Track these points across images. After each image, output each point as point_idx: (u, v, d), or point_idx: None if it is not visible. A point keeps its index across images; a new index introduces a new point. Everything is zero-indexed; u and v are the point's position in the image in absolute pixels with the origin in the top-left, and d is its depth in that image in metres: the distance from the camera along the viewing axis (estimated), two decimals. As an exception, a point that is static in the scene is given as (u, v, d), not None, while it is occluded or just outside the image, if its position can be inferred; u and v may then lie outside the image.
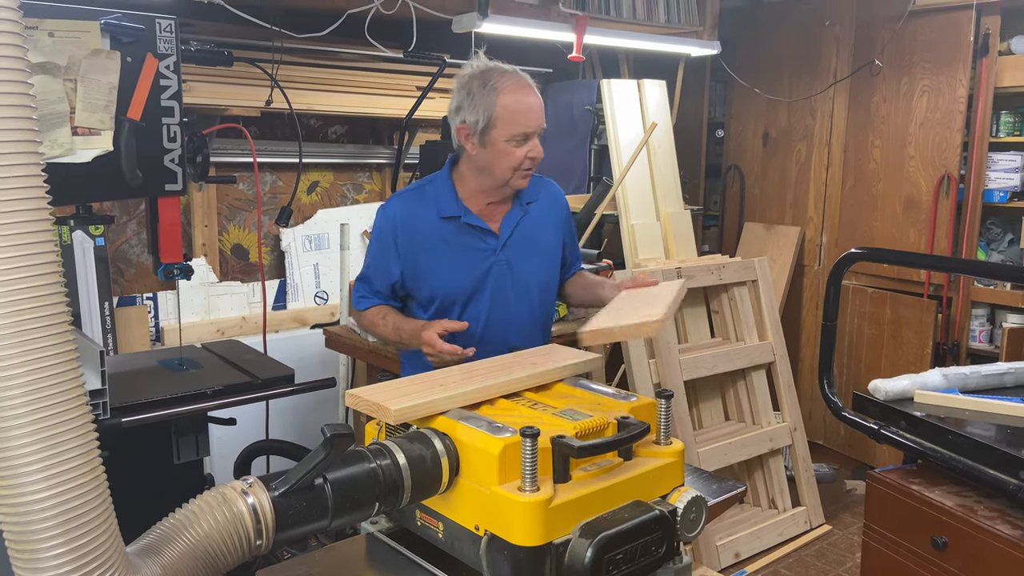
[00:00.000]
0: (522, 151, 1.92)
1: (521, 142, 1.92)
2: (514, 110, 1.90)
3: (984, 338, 4.02)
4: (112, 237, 3.41)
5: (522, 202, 2.07)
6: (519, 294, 2.06)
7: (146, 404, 1.95)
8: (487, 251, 2.02)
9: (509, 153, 1.92)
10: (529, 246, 2.07)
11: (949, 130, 3.98)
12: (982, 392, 2.18)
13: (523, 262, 2.05)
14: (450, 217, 2.00)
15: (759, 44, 4.81)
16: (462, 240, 2.01)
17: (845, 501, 4.06)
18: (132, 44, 1.87)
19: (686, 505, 1.25)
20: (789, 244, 4.69)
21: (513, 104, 1.91)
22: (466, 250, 2.01)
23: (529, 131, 1.92)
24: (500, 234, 2.03)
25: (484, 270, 2.02)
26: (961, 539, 1.81)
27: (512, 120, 1.90)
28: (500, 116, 1.90)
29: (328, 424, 1.07)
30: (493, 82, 1.93)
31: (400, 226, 2.02)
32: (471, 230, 2.01)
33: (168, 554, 0.96)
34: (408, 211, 2.03)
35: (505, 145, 1.92)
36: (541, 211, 2.10)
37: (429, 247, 2.00)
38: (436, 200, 2.02)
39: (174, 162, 1.94)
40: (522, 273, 2.05)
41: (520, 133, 1.91)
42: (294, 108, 3.07)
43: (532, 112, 1.93)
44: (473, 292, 2.01)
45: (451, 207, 2.00)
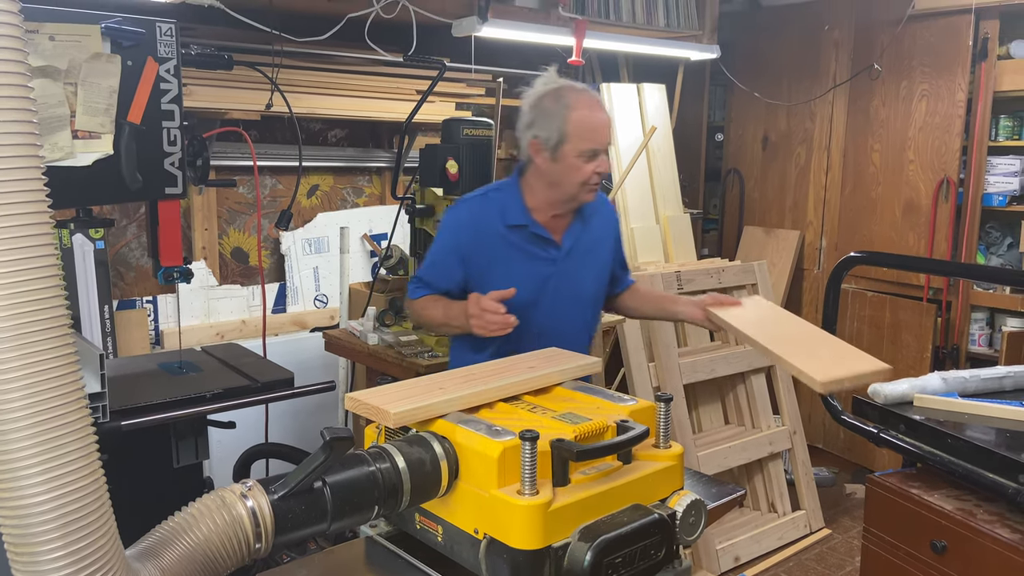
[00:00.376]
0: (591, 166, 1.98)
1: (590, 158, 1.98)
2: (585, 127, 1.96)
3: (984, 342, 4.03)
4: (112, 240, 3.41)
5: (583, 216, 2.13)
6: (573, 305, 2.12)
7: (145, 407, 1.94)
8: (548, 261, 2.08)
9: (579, 168, 1.98)
10: (586, 259, 2.13)
11: (948, 134, 3.99)
12: (981, 396, 2.18)
13: (580, 274, 2.12)
14: (516, 225, 2.06)
15: (758, 48, 4.82)
16: (526, 248, 2.06)
17: (845, 505, 4.06)
18: (132, 48, 1.87)
19: (685, 509, 1.25)
20: (788, 248, 4.70)
21: (584, 121, 1.96)
22: (529, 258, 2.06)
23: (598, 147, 1.98)
24: (562, 245, 2.09)
25: (544, 279, 2.08)
26: (960, 543, 1.81)
27: (583, 136, 1.96)
28: (572, 132, 1.96)
29: (327, 427, 1.07)
30: (566, 99, 1.98)
31: (467, 230, 2.07)
32: (535, 239, 2.06)
33: (167, 557, 0.96)
34: (475, 216, 2.08)
35: (575, 160, 1.97)
36: (598, 226, 2.17)
37: (493, 252, 2.05)
38: (503, 207, 2.07)
39: (174, 165, 1.94)
40: (578, 285, 2.12)
41: (590, 149, 1.97)
42: (294, 112, 3.08)
43: (602, 129, 1.99)
44: (531, 300, 2.04)
45: (518, 216, 2.06)
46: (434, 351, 2.86)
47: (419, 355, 2.82)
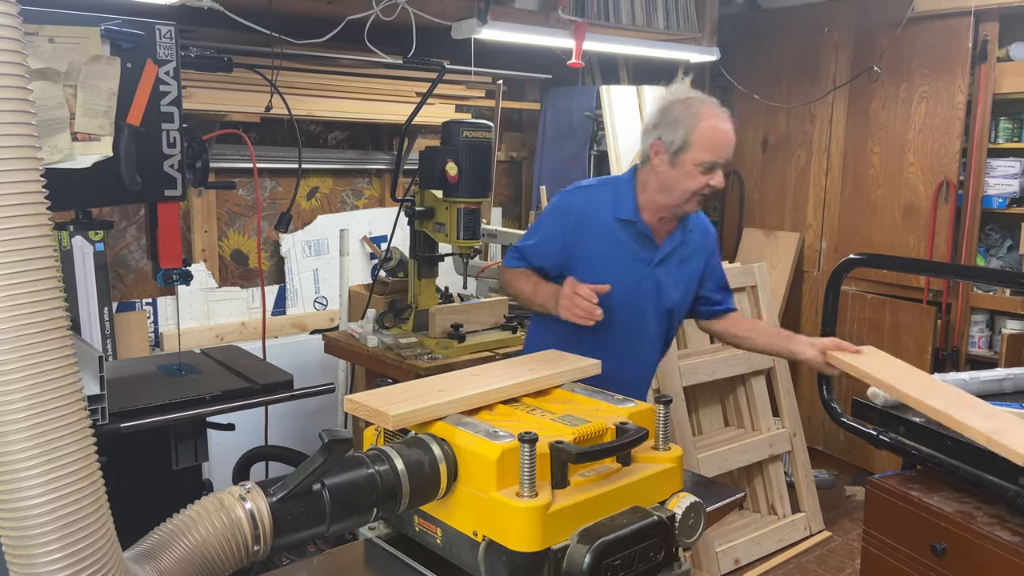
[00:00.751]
0: (705, 178, 2.00)
1: (707, 170, 1.99)
2: (709, 138, 1.97)
3: (983, 344, 4.02)
4: (112, 242, 3.41)
5: (684, 227, 2.15)
6: (656, 314, 2.15)
7: (145, 409, 1.94)
8: (645, 262, 2.10)
9: (693, 177, 1.99)
10: (677, 271, 2.15)
11: (948, 136, 3.99)
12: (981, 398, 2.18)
13: (669, 285, 2.13)
14: (626, 220, 2.09)
15: (758, 50, 4.83)
16: (629, 244, 2.09)
17: (845, 507, 4.05)
18: (132, 50, 1.87)
19: (684, 511, 1.25)
20: (788, 250, 4.70)
21: (710, 132, 1.97)
22: (629, 255, 2.09)
23: (718, 160, 1.99)
24: (659, 249, 2.11)
25: (637, 279, 2.10)
26: (960, 545, 1.80)
27: (705, 147, 1.97)
28: (695, 141, 1.97)
29: (326, 429, 1.07)
30: (696, 109, 2.00)
31: (575, 215, 2.10)
32: (640, 238, 2.09)
33: (165, 559, 0.96)
34: (586, 203, 2.12)
35: (692, 169, 1.99)
36: (695, 241, 2.18)
37: (596, 243, 2.08)
38: (615, 200, 2.10)
39: (174, 168, 1.95)
40: (665, 295, 2.13)
41: (709, 160, 1.98)
42: (294, 114, 3.08)
43: (725, 144, 2.00)
44: (619, 296, 2.05)
45: (629, 211, 2.09)
46: (434, 353, 2.86)
47: (419, 357, 2.82)
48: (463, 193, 2.78)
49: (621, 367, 2.06)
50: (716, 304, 2.27)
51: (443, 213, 2.84)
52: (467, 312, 3.01)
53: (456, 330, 2.91)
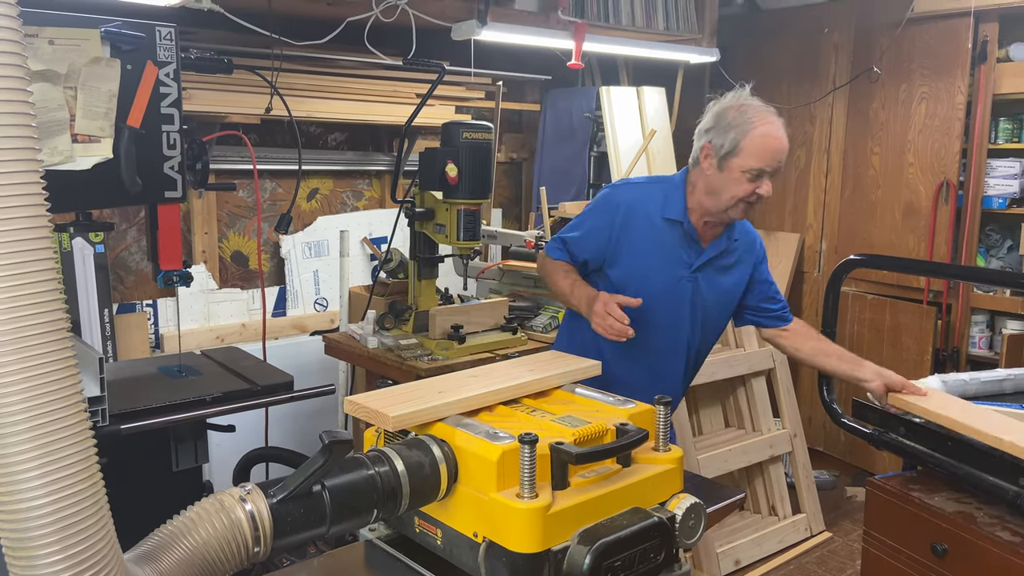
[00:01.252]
0: (752, 185, 1.98)
1: (755, 177, 1.98)
2: (759, 145, 1.96)
3: (984, 344, 4.02)
4: (112, 244, 3.41)
5: (731, 235, 2.13)
6: (691, 318, 2.13)
7: (145, 411, 1.94)
8: (686, 264, 2.09)
9: (739, 183, 1.98)
10: (719, 278, 2.13)
11: (948, 137, 3.99)
12: (981, 398, 2.18)
13: (708, 291, 2.12)
14: (673, 220, 2.08)
15: (758, 51, 4.83)
16: (673, 245, 2.09)
17: (845, 508, 4.05)
18: (132, 52, 1.87)
19: (685, 512, 1.25)
20: (789, 251, 4.70)
21: (760, 139, 1.96)
22: (672, 254, 2.09)
23: (766, 168, 1.97)
24: (704, 253, 2.10)
25: (676, 279, 2.09)
26: (961, 546, 1.80)
27: (754, 153, 1.96)
28: (745, 147, 1.96)
29: (326, 431, 1.07)
30: (750, 115, 1.98)
31: (623, 211, 2.10)
32: (685, 239, 2.09)
33: (165, 561, 0.96)
34: (635, 200, 2.12)
35: (739, 175, 1.98)
36: (740, 249, 2.16)
37: (641, 240, 2.08)
38: (665, 199, 2.10)
39: (174, 169, 1.95)
40: (703, 301, 2.12)
41: (757, 168, 1.97)
42: (294, 115, 3.08)
43: (776, 152, 1.98)
44: (656, 295, 2.05)
45: (677, 211, 2.09)
46: (434, 354, 2.86)
47: (419, 358, 2.82)
48: (463, 194, 2.78)
49: (650, 369, 2.11)
50: (768, 314, 2.24)
51: (443, 214, 2.84)
52: (467, 313, 3.01)
53: (456, 331, 2.91)
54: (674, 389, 2.20)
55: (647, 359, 2.11)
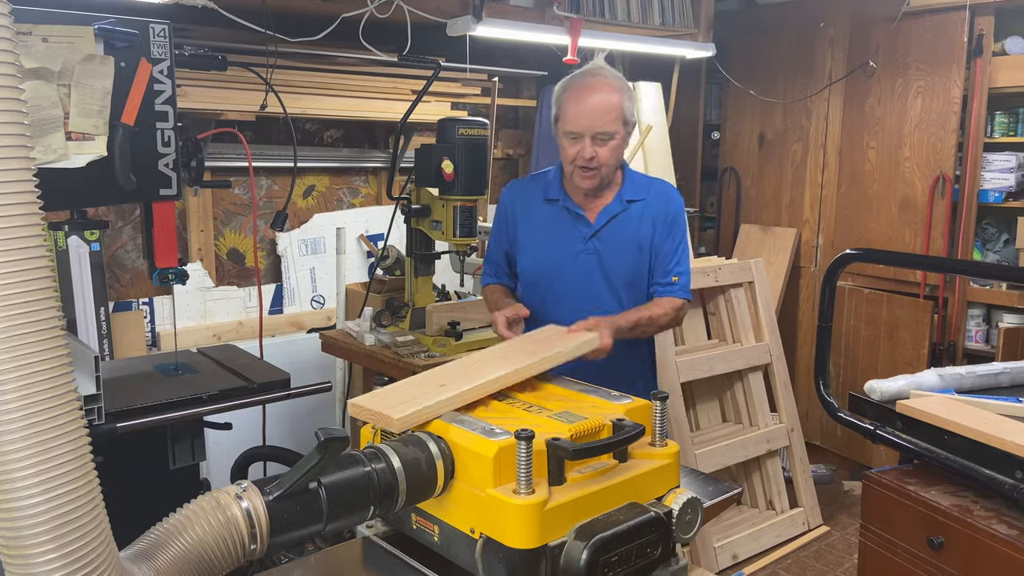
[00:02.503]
0: (574, 149, 2.04)
1: (574, 140, 2.03)
2: (570, 110, 2.03)
3: (980, 338, 4.03)
4: (108, 242, 3.40)
5: (622, 197, 2.16)
6: (607, 285, 2.16)
7: (141, 409, 1.94)
8: (578, 237, 2.16)
9: (564, 149, 2.07)
10: (621, 241, 2.15)
11: (944, 131, 3.99)
12: (978, 392, 2.19)
13: (613, 255, 2.15)
14: (551, 200, 2.19)
15: (754, 46, 4.83)
16: (558, 222, 2.18)
17: (843, 502, 4.06)
18: (126, 49, 1.86)
19: (682, 507, 1.25)
20: (785, 246, 4.70)
21: (570, 105, 2.03)
22: (560, 232, 2.17)
23: (575, 130, 2.02)
24: (594, 223, 2.15)
25: (573, 253, 2.16)
26: (957, 539, 1.81)
27: (568, 118, 2.03)
28: (561, 114, 2.06)
29: (322, 428, 1.07)
30: (568, 83, 2.08)
31: (510, 205, 2.27)
32: (567, 214, 2.17)
33: (162, 559, 0.96)
34: (522, 191, 2.28)
35: (563, 140, 2.07)
36: (644, 210, 2.16)
37: (530, 224, 2.21)
38: (545, 185, 2.23)
39: (168, 167, 1.94)
40: (611, 265, 2.15)
41: (571, 131, 2.03)
42: (289, 112, 3.07)
43: (583, 115, 2.01)
44: (560, 272, 2.15)
45: (554, 191, 2.20)
46: (431, 351, 2.86)
47: (416, 355, 2.82)
48: (459, 191, 2.78)
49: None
50: (654, 277, 2.17)
51: (439, 211, 2.84)
52: (464, 310, 3.01)
53: (453, 328, 2.91)
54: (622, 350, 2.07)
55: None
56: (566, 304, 2.07)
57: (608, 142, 2.03)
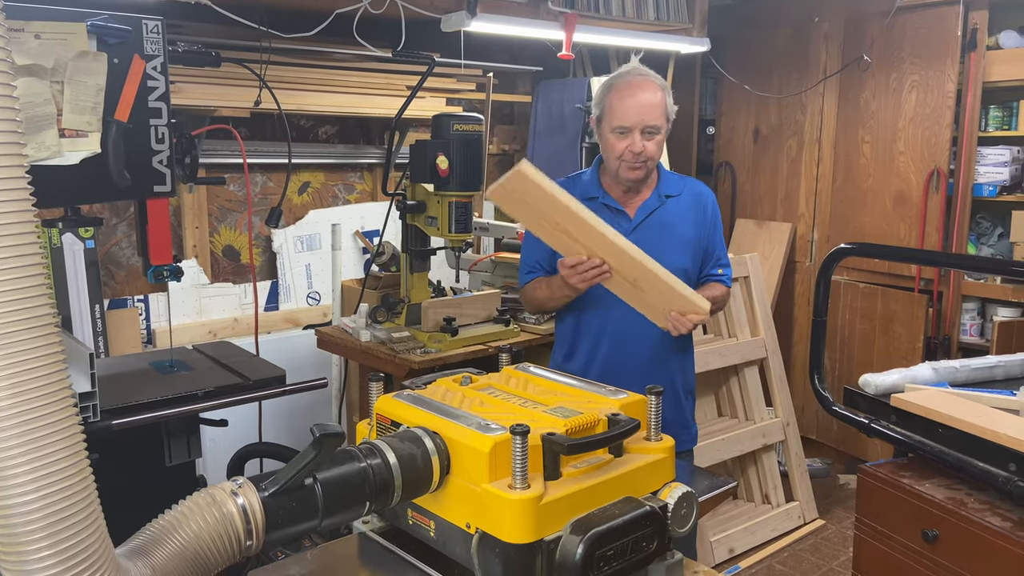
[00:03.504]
0: (623, 144, 2.11)
1: (623, 135, 2.11)
2: (617, 104, 2.11)
3: (975, 332, 4.05)
4: (102, 239, 3.40)
5: (660, 193, 2.24)
6: None
7: (137, 406, 1.94)
8: (620, 231, 2.14)
9: (612, 145, 2.14)
10: (663, 234, 2.21)
11: (938, 125, 4.00)
12: (972, 385, 2.20)
13: (653, 248, 2.15)
14: (591, 198, 2.21)
15: (748, 41, 4.83)
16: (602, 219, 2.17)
17: (838, 495, 4.08)
18: (119, 45, 1.86)
19: (677, 501, 1.25)
20: (780, 240, 4.71)
21: (617, 100, 2.12)
22: None
23: (625, 125, 2.10)
24: (634, 218, 2.21)
25: None
26: (952, 532, 1.81)
27: (615, 113, 2.12)
28: (606, 111, 2.14)
29: (317, 424, 1.07)
30: (612, 82, 2.17)
31: None
32: (607, 210, 2.21)
33: (158, 555, 0.96)
34: None
35: (609, 136, 2.14)
36: (680, 204, 2.26)
37: None
38: (583, 185, 2.26)
39: (162, 164, 1.93)
40: (656, 257, 2.14)
41: (619, 126, 2.10)
42: (283, 108, 3.07)
43: (633, 108, 2.10)
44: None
45: (592, 190, 2.24)
46: (427, 347, 2.86)
47: (411, 351, 2.82)
48: (454, 186, 2.77)
49: (626, 339, 2.18)
50: (705, 268, 2.32)
51: (434, 207, 2.84)
52: (460, 305, 3.01)
53: (449, 323, 2.91)
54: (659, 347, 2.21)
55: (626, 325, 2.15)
56: (608, 299, 2.08)
57: (655, 136, 2.12)
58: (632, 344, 2.19)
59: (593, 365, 2.20)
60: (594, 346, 2.22)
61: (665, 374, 2.23)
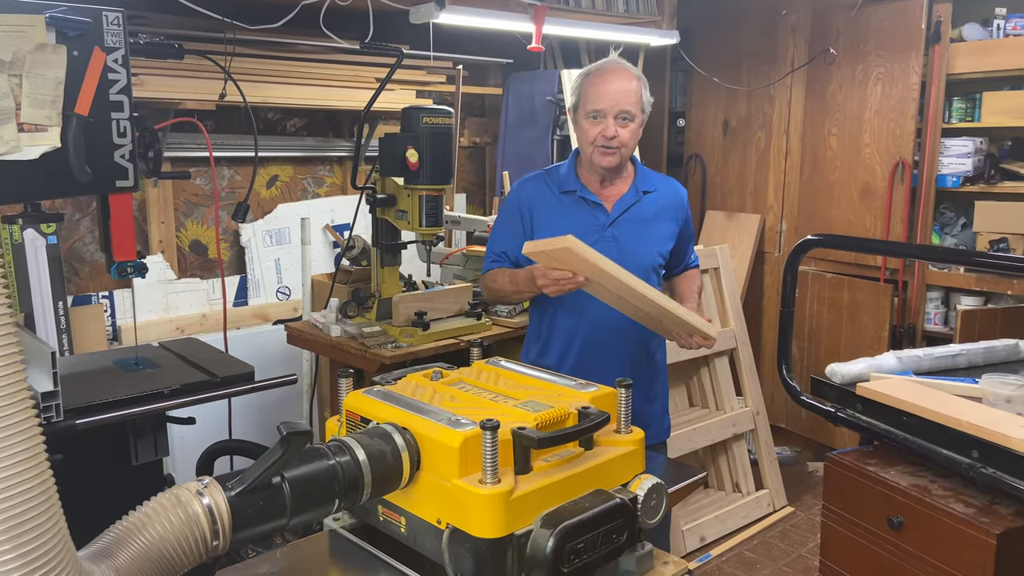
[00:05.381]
0: (597, 128, 2.13)
1: (597, 119, 2.13)
2: (592, 89, 2.14)
3: (939, 320, 4.12)
4: (65, 235, 3.33)
5: (637, 188, 2.26)
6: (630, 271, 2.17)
7: (101, 405, 1.91)
8: (597, 225, 2.22)
9: (586, 130, 2.15)
10: (639, 229, 2.23)
11: (903, 117, 4.05)
12: (935, 374, 2.24)
13: (631, 242, 2.22)
14: (568, 191, 2.24)
15: (717, 33, 4.86)
16: (576, 212, 2.23)
17: (807, 483, 4.14)
18: (78, 38, 1.81)
19: (647, 492, 1.26)
20: (750, 231, 4.75)
21: (592, 84, 2.14)
22: (578, 221, 2.21)
23: (599, 108, 2.12)
24: (611, 212, 2.22)
25: (591, 242, 2.16)
26: (916, 518, 1.85)
27: (590, 97, 2.14)
28: (582, 95, 2.16)
29: (284, 422, 1.06)
30: (588, 69, 2.20)
31: (527, 195, 2.28)
32: (585, 203, 2.23)
33: (121, 557, 0.95)
34: (536, 185, 2.30)
35: (584, 122, 2.16)
36: (657, 201, 2.28)
37: (548, 216, 2.24)
38: (560, 177, 2.28)
39: (125, 158, 1.90)
40: (628, 252, 2.20)
41: (594, 109, 2.12)
42: (250, 101, 3.03)
43: (609, 93, 2.12)
44: None
45: (570, 183, 2.25)
46: (398, 341, 2.85)
47: (382, 346, 2.81)
48: (424, 180, 2.76)
49: (599, 330, 2.18)
50: (680, 264, 2.42)
51: (405, 200, 2.83)
52: (431, 299, 3.00)
53: (420, 318, 2.90)
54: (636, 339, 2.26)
55: (597, 314, 2.18)
56: (583, 300, 2.09)
57: (629, 123, 2.14)
58: (607, 343, 2.20)
59: (567, 361, 2.21)
60: (567, 344, 2.23)
61: (639, 371, 2.25)
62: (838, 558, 2.09)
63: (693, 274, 2.47)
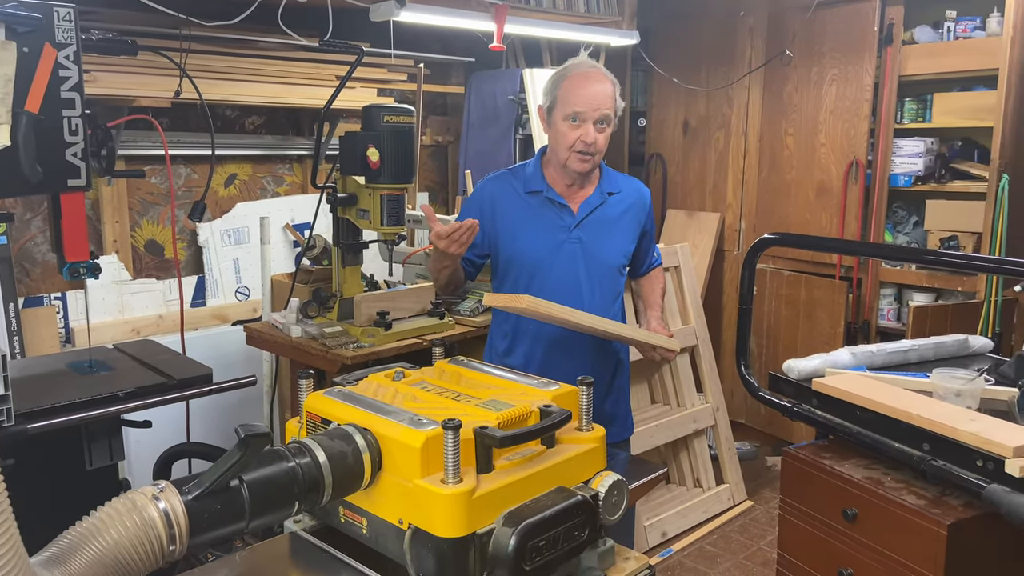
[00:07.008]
0: (575, 132, 2.11)
1: (576, 123, 2.10)
2: (571, 92, 2.11)
3: (892, 316, 4.22)
4: (15, 235, 3.25)
5: (603, 190, 2.25)
6: (589, 273, 2.23)
7: (53, 409, 1.86)
8: (562, 227, 2.22)
9: (564, 133, 2.13)
10: (604, 230, 2.24)
11: (857, 117, 4.14)
12: (888, 369, 2.29)
13: (596, 243, 2.23)
14: (533, 192, 2.23)
15: (676, 34, 4.91)
16: (541, 212, 2.22)
17: (766, 477, 4.20)
18: (29, 34, 1.77)
19: (608, 489, 1.27)
20: (710, 230, 4.81)
21: (570, 87, 2.11)
22: (543, 222, 2.22)
23: (581, 111, 2.09)
24: (577, 213, 2.22)
25: (557, 243, 2.21)
26: (870, 510, 1.89)
27: (568, 100, 2.11)
28: (560, 97, 2.13)
29: (242, 424, 1.05)
30: (565, 70, 2.17)
31: (490, 198, 2.26)
32: (550, 204, 2.22)
33: (75, 564, 0.93)
34: (500, 184, 2.29)
35: (561, 125, 2.13)
36: (621, 202, 2.28)
37: (513, 215, 2.23)
38: (525, 177, 2.27)
39: (77, 156, 1.86)
40: (593, 254, 2.22)
41: (572, 112, 2.10)
42: (207, 98, 2.98)
43: (588, 96, 2.10)
44: (543, 261, 2.21)
45: (536, 183, 2.24)
46: (360, 342, 2.83)
47: (344, 346, 2.79)
48: (386, 179, 2.74)
49: (564, 329, 2.19)
50: (642, 265, 2.44)
51: (366, 199, 2.81)
52: (393, 299, 2.99)
53: (382, 317, 2.88)
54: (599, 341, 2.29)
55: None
56: (546, 293, 2.09)
57: (606, 128, 2.14)
58: (571, 342, 2.22)
59: (532, 361, 2.23)
60: (532, 344, 2.25)
61: (604, 369, 2.28)
62: (795, 550, 2.13)
63: (657, 275, 2.50)
